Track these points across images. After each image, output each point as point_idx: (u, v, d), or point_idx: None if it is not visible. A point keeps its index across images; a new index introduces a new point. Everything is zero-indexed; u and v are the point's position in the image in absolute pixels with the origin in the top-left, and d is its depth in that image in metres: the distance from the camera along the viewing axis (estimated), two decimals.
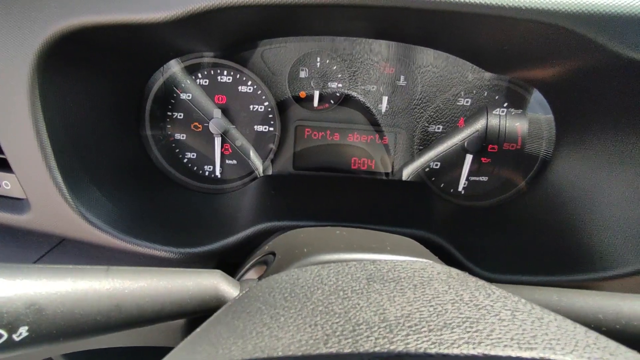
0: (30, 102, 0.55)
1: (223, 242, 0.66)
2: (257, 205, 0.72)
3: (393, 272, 0.35)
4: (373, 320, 0.27)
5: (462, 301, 0.30)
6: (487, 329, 0.26)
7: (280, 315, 0.31)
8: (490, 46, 0.64)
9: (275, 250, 0.51)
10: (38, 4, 0.52)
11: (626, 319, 0.39)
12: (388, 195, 0.78)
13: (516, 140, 0.84)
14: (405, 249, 0.49)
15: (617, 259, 0.62)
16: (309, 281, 0.35)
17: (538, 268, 0.65)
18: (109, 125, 0.72)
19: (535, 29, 0.51)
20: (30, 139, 0.57)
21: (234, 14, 0.54)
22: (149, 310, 0.38)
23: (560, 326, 0.27)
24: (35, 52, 0.53)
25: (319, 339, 0.26)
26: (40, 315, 0.32)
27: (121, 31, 0.55)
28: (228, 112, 0.85)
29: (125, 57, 0.69)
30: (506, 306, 0.29)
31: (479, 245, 0.72)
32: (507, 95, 0.83)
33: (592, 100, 0.66)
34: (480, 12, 0.47)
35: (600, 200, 0.68)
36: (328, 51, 0.84)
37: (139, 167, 0.81)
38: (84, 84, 0.64)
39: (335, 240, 0.48)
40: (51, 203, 0.61)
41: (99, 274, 0.36)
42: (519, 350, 0.24)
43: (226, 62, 0.82)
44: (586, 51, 0.53)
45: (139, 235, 0.65)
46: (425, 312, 0.28)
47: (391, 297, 0.30)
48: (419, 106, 0.86)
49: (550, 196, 0.77)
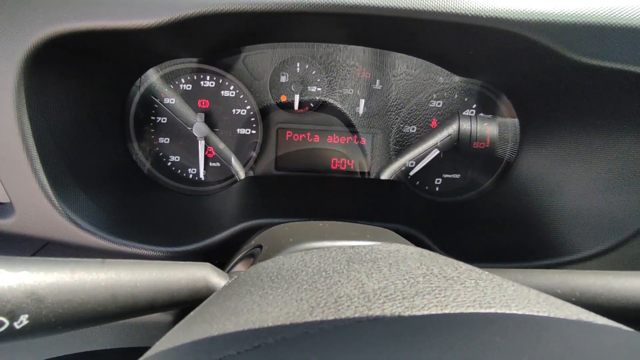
0: (16, 106, 0.56)
1: (209, 240, 0.68)
2: (241, 205, 0.74)
3: (371, 254, 0.38)
4: (353, 293, 0.31)
5: (432, 274, 0.33)
6: (453, 294, 0.29)
7: (269, 294, 0.33)
8: (457, 52, 0.69)
9: (262, 243, 0.54)
10: (25, 10, 0.53)
11: (580, 291, 0.44)
12: (366, 193, 0.82)
13: (485, 140, 0.90)
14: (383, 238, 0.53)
15: (577, 245, 0.67)
16: (293, 265, 0.38)
17: (507, 256, 0.70)
18: (93, 128, 0.73)
19: (495, 36, 0.56)
20: (16, 143, 0.58)
21: (218, 21, 0.57)
22: (142, 300, 0.40)
23: (516, 289, 0.31)
24: (22, 57, 0.54)
25: (304, 311, 0.29)
26: (40, 304, 0.34)
27: (107, 37, 0.57)
28: (211, 116, 0.87)
29: (111, 62, 0.70)
30: (471, 277, 0.33)
31: (454, 237, 0.76)
32: (476, 98, 0.89)
33: (552, 102, 0.72)
34: (435, 19, 0.51)
35: (561, 193, 0.74)
36: (307, 57, 0.88)
37: (124, 170, 0.82)
38: (69, 88, 0.66)
39: (319, 231, 0.51)
40: (36, 206, 0.62)
41: (95, 266, 0.38)
42: (480, 308, 0.27)
43: (208, 67, 0.85)
44: (543, 57, 0.58)
45: (125, 236, 0.66)
46: (400, 284, 0.32)
47: (369, 274, 0.34)
48: (394, 108, 0.91)
49: (516, 191, 0.83)
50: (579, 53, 0.55)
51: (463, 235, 0.79)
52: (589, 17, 0.54)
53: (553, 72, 0.62)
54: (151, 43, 0.65)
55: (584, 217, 0.70)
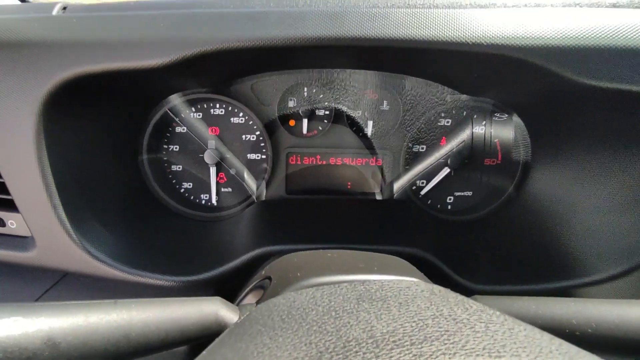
0: (36, 147, 0.58)
1: (221, 269, 0.69)
2: (252, 231, 0.75)
3: (380, 292, 0.38)
4: (362, 337, 0.31)
5: (442, 316, 0.33)
6: (462, 340, 0.29)
7: (279, 335, 0.34)
8: (462, 74, 0.69)
9: (271, 274, 0.54)
10: (42, 56, 0.56)
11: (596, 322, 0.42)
12: (377, 215, 0.82)
13: (496, 156, 0.89)
14: (391, 268, 0.52)
15: (592, 267, 0.65)
16: (304, 303, 0.38)
17: (521, 277, 0.68)
18: (108, 161, 0.76)
19: (497, 61, 0.56)
20: (36, 180, 0.60)
21: (225, 56, 0.58)
22: (154, 338, 0.41)
23: (528, 335, 0.30)
24: (40, 100, 0.57)
25: (313, 356, 0.29)
26: (55, 349, 0.35)
27: (120, 77, 0.59)
28: (221, 142, 0.89)
29: (124, 99, 0.73)
30: (481, 319, 0.32)
31: (465, 258, 0.75)
32: (486, 114, 0.88)
33: (562, 121, 0.71)
34: (436, 49, 0.52)
35: (576, 211, 0.72)
36: (314, 81, 0.89)
37: (138, 200, 0.84)
38: (85, 126, 0.68)
39: (326, 263, 0.51)
40: (56, 239, 0.64)
41: (108, 308, 0.39)
42: (489, 358, 0.27)
43: (218, 96, 0.86)
44: (545, 79, 0.57)
45: (139, 266, 0.68)
46: (408, 328, 0.31)
47: (378, 315, 0.34)
48: (402, 128, 0.91)
49: (529, 209, 0.81)
50: (584, 75, 0.54)
51: (475, 255, 0.78)
52: (590, 39, 0.53)
53: (560, 94, 0.62)
54: (162, 79, 0.67)
55: (598, 237, 0.68)
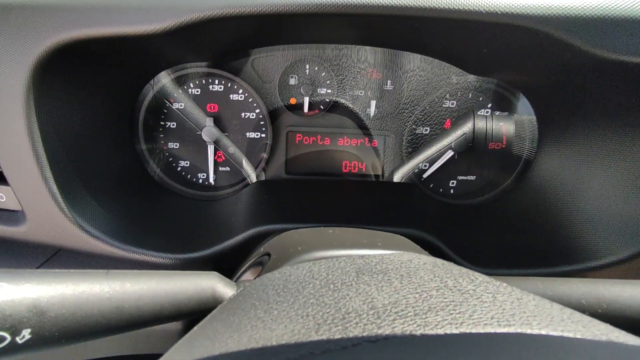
0: (26, 115, 0.56)
1: (218, 246, 0.67)
2: (250, 210, 0.73)
3: (381, 265, 0.36)
4: (362, 309, 0.29)
5: (447, 287, 0.31)
6: (469, 310, 0.27)
7: (274, 309, 0.32)
8: (471, 50, 0.66)
9: (270, 251, 0.53)
10: (32, 19, 0.53)
11: (607, 302, 0.41)
12: (379, 197, 0.80)
13: (501, 140, 0.86)
14: (395, 245, 0.51)
15: (600, 250, 0.64)
16: (300, 277, 0.36)
17: (525, 262, 0.67)
18: (103, 135, 0.73)
19: (510, 32, 0.53)
20: (26, 151, 0.58)
21: (224, 24, 0.56)
22: (148, 311, 0.39)
23: (538, 305, 0.29)
24: (30, 66, 0.54)
25: (310, 328, 0.28)
26: (42, 318, 0.33)
27: (114, 43, 0.56)
28: (220, 120, 0.87)
29: (118, 69, 0.70)
30: (488, 290, 0.31)
31: (469, 241, 0.74)
32: (491, 97, 0.86)
33: (571, 100, 0.69)
34: (448, 17, 0.49)
35: (581, 195, 0.71)
36: (317, 58, 0.86)
37: (134, 176, 0.82)
38: (78, 96, 0.66)
39: (329, 239, 0.49)
40: (47, 214, 0.62)
41: (99, 277, 0.37)
42: (498, 327, 0.25)
43: (217, 71, 0.84)
44: (561, 53, 0.55)
45: (135, 243, 0.66)
46: (412, 299, 0.30)
47: (379, 287, 0.32)
48: (406, 109, 0.88)
49: (535, 192, 0.79)
50: (601, 47, 0.52)
51: (479, 239, 0.76)
52: (611, 10, 0.51)
53: (572, 69, 0.59)
54: (158, 48, 0.64)
55: (605, 221, 0.66)
